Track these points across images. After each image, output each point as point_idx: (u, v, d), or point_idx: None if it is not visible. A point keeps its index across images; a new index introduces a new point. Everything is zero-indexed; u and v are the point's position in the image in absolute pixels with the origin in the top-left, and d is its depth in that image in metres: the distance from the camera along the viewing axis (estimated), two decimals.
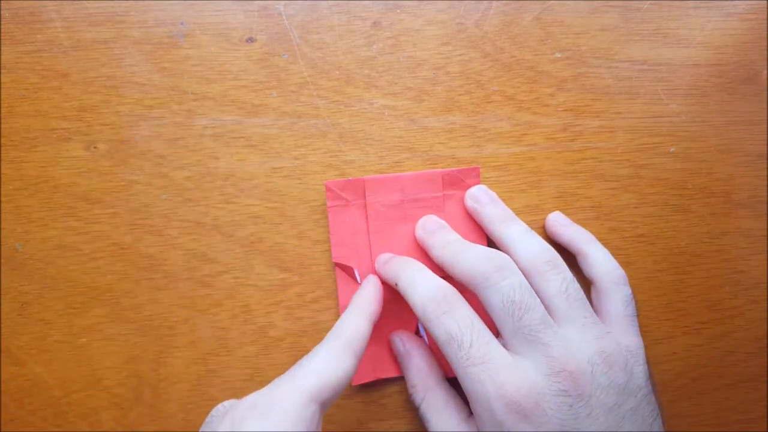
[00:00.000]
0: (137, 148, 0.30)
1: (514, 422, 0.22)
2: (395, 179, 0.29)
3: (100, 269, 0.30)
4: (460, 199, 0.29)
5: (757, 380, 0.31)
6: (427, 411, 0.27)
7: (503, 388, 0.23)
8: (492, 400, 0.23)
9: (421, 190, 0.29)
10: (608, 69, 0.31)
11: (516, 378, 0.23)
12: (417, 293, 0.25)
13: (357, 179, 0.29)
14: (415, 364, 0.28)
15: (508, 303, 0.24)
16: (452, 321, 0.24)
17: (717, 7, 0.31)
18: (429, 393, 0.27)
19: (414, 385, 0.27)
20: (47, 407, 0.30)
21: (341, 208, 0.29)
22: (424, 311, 0.24)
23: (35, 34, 0.30)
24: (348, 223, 0.29)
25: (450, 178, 0.29)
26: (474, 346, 0.23)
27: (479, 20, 0.31)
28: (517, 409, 0.22)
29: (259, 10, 0.30)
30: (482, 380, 0.23)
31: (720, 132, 0.31)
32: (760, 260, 0.31)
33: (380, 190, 0.29)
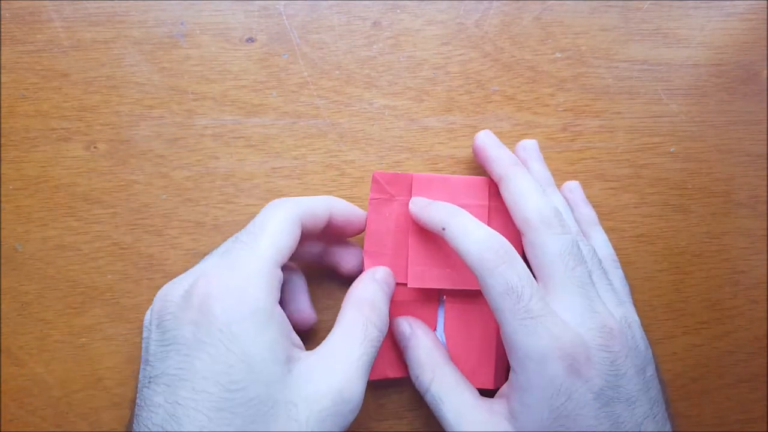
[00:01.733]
0: (137, 148, 0.30)
1: (567, 376, 0.22)
2: (444, 180, 0.28)
3: (100, 269, 0.30)
4: (502, 211, 0.28)
5: (757, 380, 0.31)
6: (439, 390, 0.25)
7: (559, 341, 0.22)
8: (547, 354, 0.22)
9: (469, 195, 0.28)
10: (608, 69, 0.31)
11: (570, 332, 0.23)
12: (471, 240, 0.24)
13: (405, 174, 0.28)
14: (423, 344, 0.26)
15: (565, 252, 0.24)
16: (512, 271, 0.23)
17: (717, 7, 0.31)
18: (439, 372, 0.26)
19: (422, 364, 0.26)
20: (47, 407, 0.30)
21: (384, 202, 0.28)
22: (481, 259, 0.23)
23: (35, 34, 0.30)
24: (388, 218, 0.28)
25: (494, 187, 0.28)
26: (533, 299, 0.23)
27: (479, 20, 0.31)
28: (571, 362, 0.22)
29: (259, 10, 0.30)
30: (539, 333, 0.22)
31: (720, 132, 0.31)
32: (760, 260, 0.31)
33: (427, 189, 0.28)
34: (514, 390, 0.23)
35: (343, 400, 0.21)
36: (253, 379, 0.20)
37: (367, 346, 0.23)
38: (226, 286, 0.21)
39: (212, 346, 0.20)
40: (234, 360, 0.20)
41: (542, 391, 0.22)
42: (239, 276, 0.21)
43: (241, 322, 0.20)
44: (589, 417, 0.22)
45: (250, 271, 0.21)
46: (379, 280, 0.26)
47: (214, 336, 0.20)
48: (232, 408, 0.19)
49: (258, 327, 0.20)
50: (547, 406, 0.22)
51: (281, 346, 0.21)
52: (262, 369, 0.20)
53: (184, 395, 0.20)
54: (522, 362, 0.23)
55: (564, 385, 0.22)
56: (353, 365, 0.22)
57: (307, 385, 0.21)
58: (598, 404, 0.22)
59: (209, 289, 0.21)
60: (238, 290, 0.21)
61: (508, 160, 0.27)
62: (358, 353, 0.22)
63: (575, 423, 0.22)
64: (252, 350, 0.20)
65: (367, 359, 0.22)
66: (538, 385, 0.22)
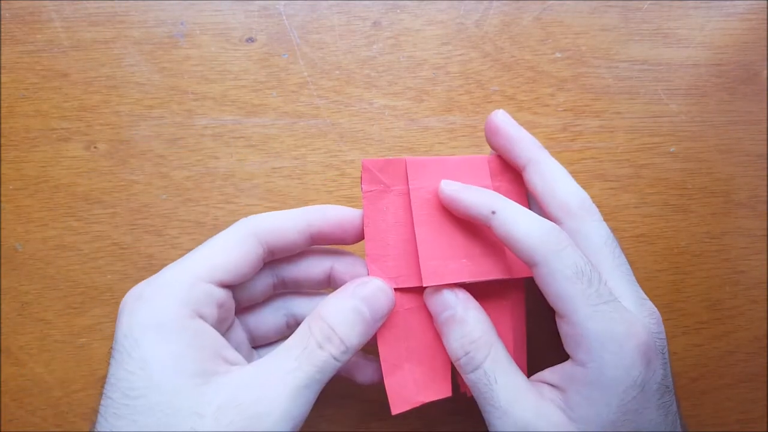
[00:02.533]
0: (137, 148, 0.30)
1: (643, 366, 0.21)
2: (441, 162, 0.25)
3: (100, 269, 0.30)
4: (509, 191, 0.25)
5: (757, 380, 0.31)
6: (494, 369, 0.22)
7: (633, 328, 0.21)
8: (625, 342, 0.21)
9: (468, 177, 0.25)
10: (608, 69, 0.31)
11: (638, 320, 0.21)
12: (530, 223, 0.21)
13: (398, 159, 0.24)
14: (474, 316, 0.23)
15: (609, 240, 0.23)
16: (578, 255, 0.21)
17: (717, 7, 0.31)
18: (494, 349, 0.22)
19: (474, 339, 0.22)
20: (47, 407, 0.30)
21: (379, 194, 0.24)
22: (544, 242, 0.21)
23: (35, 34, 0.30)
24: (386, 213, 0.24)
25: (495, 164, 0.25)
26: (602, 283, 0.21)
27: (479, 20, 0.31)
28: (645, 350, 0.21)
29: (259, 10, 0.30)
30: (614, 318, 0.21)
31: (720, 132, 0.31)
32: (760, 260, 0.31)
33: (424, 174, 0.24)
34: (576, 383, 0.21)
35: (256, 414, 0.19)
36: (153, 387, 0.19)
37: (305, 364, 0.21)
38: (139, 296, 0.21)
39: (118, 352, 0.20)
40: (134, 367, 0.19)
41: (615, 383, 0.21)
42: (153, 286, 0.21)
43: (144, 330, 0.20)
44: (652, 410, 0.21)
45: (165, 281, 0.21)
46: (359, 298, 0.22)
47: (120, 341, 0.20)
48: (131, 415, 0.19)
49: (162, 337, 0.20)
50: (617, 400, 0.21)
51: (191, 358, 0.20)
52: (163, 379, 0.19)
53: (101, 401, 0.20)
54: (595, 352, 0.21)
55: (639, 377, 0.21)
56: (277, 379, 0.20)
57: (220, 395, 0.20)
58: (658, 395, 0.21)
59: (126, 298, 0.21)
60: (148, 300, 0.20)
61: (532, 141, 0.25)
62: (288, 368, 0.20)
63: (640, 417, 0.21)
64: (153, 359, 0.19)
65: (300, 376, 0.20)
66: (613, 376, 0.21)
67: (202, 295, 0.21)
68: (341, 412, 0.30)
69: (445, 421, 0.30)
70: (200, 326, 0.21)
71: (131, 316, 0.20)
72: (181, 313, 0.20)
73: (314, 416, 0.30)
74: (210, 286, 0.21)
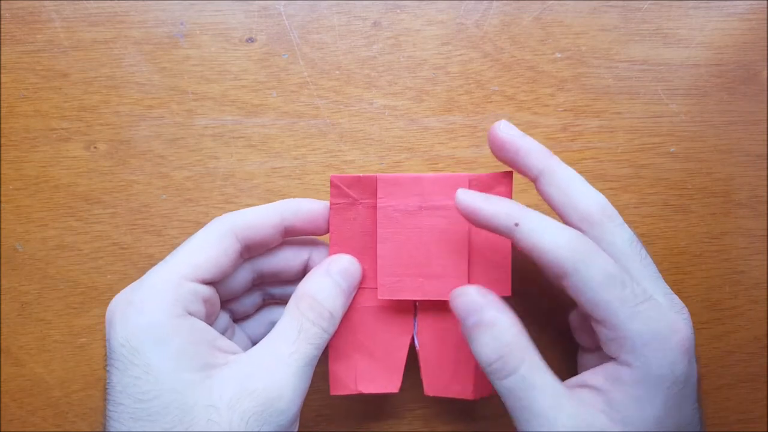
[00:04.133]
0: (137, 148, 0.30)
1: (686, 362, 0.21)
2: (414, 180, 0.24)
3: (100, 269, 0.30)
4: None
5: (757, 380, 0.31)
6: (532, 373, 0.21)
7: (675, 325, 0.21)
8: (667, 338, 0.21)
9: (444, 196, 0.24)
10: (608, 69, 0.31)
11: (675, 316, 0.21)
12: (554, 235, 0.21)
13: (368, 176, 0.25)
14: (507, 320, 0.22)
15: (634, 241, 0.22)
16: (607, 260, 0.21)
17: (717, 7, 0.31)
18: (529, 353, 0.22)
19: (508, 343, 0.21)
20: (47, 407, 0.30)
21: (346, 206, 0.25)
22: (572, 252, 0.21)
23: (35, 34, 0.30)
24: (353, 222, 0.25)
25: (478, 183, 0.25)
26: (635, 283, 0.21)
27: (479, 20, 0.31)
28: (687, 346, 0.21)
29: (259, 10, 0.30)
30: (654, 317, 0.21)
31: (720, 132, 0.31)
32: (760, 260, 0.31)
33: (395, 192, 0.24)
34: (622, 383, 0.21)
35: (268, 399, 0.20)
36: (163, 388, 0.20)
37: (302, 344, 0.22)
38: (127, 301, 0.21)
39: (118, 360, 0.20)
40: (139, 372, 0.20)
41: (661, 380, 0.21)
42: (141, 291, 0.21)
43: (139, 335, 0.20)
44: (690, 404, 0.21)
45: (152, 285, 0.21)
46: (334, 273, 0.24)
47: (118, 351, 0.20)
48: (149, 416, 0.20)
49: (158, 339, 0.20)
50: (662, 397, 0.21)
51: (191, 354, 0.21)
52: (169, 378, 0.20)
53: (109, 408, 0.21)
54: (640, 352, 0.21)
55: (683, 373, 0.21)
56: (281, 363, 0.21)
57: (229, 387, 0.20)
58: (694, 389, 0.22)
59: (113, 305, 0.21)
60: (138, 304, 0.21)
61: (542, 151, 0.24)
62: (288, 351, 0.21)
63: (681, 412, 0.21)
64: (155, 362, 0.20)
65: (300, 357, 0.21)
66: (659, 374, 0.21)
67: (189, 294, 0.22)
68: (341, 412, 0.30)
69: (445, 420, 0.30)
70: (193, 323, 0.21)
71: (125, 324, 0.21)
72: (172, 312, 0.21)
73: (314, 416, 0.30)
74: (194, 284, 0.22)
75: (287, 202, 0.24)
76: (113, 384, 0.20)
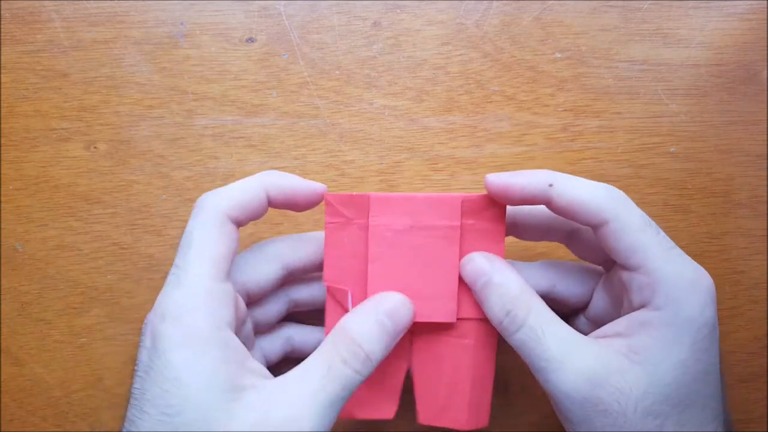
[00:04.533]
0: (137, 148, 0.30)
1: (713, 305, 0.21)
2: (407, 200, 0.24)
3: (100, 269, 0.30)
4: (480, 231, 0.24)
5: (757, 380, 0.31)
6: (539, 322, 0.22)
7: (701, 271, 0.22)
8: (697, 281, 0.21)
9: (436, 216, 0.24)
10: (608, 69, 0.31)
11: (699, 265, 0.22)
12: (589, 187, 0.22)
13: (361, 195, 0.24)
14: (511, 276, 0.23)
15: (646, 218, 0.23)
16: (640, 210, 0.22)
17: (717, 7, 0.31)
18: (534, 303, 0.22)
19: (514, 297, 0.22)
20: (47, 407, 0.30)
21: (340, 226, 0.25)
22: (611, 199, 0.22)
23: (35, 34, 0.30)
24: (346, 244, 0.25)
25: (470, 205, 0.24)
26: (662, 232, 0.22)
27: (479, 20, 0.31)
28: (713, 292, 0.22)
29: (259, 10, 0.30)
30: (685, 262, 0.22)
31: (720, 132, 0.31)
32: (760, 260, 0.31)
33: (387, 211, 0.24)
34: (648, 327, 0.21)
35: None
36: (189, 405, 0.20)
37: (330, 382, 0.21)
38: (163, 316, 0.21)
39: (153, 371, 0.20)
40: (170, 386, 0.20)
41: (689, 323, 0.21)
42: (174, 301, 0.21)
43: (177, 349, 0.20)
44: (714, 352, 0.22)
45: (184, 293, 0.21)
46: (381, 312, 0.23)
47: (155, 362, 0.20)
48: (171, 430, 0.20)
49: (194, 354, 0.20)
50: (689, 339, 0.21)
51: (223, 374, 0.20)
52: (198, 396, 0.20)
53: (135, 414, 0.20)
54: (673, 294, 0.21)
55: (711, 317, 0.21)
56: (306, 399, 0.20)
57: (251, 414, 0.20)
58: (717, 339, 0.22)
59: (153, 316, 0.21)
60: (174, 319, 0.21)
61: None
62: (314, 388, 0.21)
63: (708, 356, 0.21)
64: (187, 378, 0.20)
65: (326, 396, 0.21)
66: (688, 316, 0.21)
67: (219, 297, 0.21)
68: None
69: None
70: (227, 337, 0.21)
71: (161, 338, 0.20)
72: (210, 324, 0.21)
73: None
74: (222, 285, 0.22)
75: (270, 177, 0.24)
76: (143, 391, 0.20)
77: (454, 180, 0.31)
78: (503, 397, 0.30)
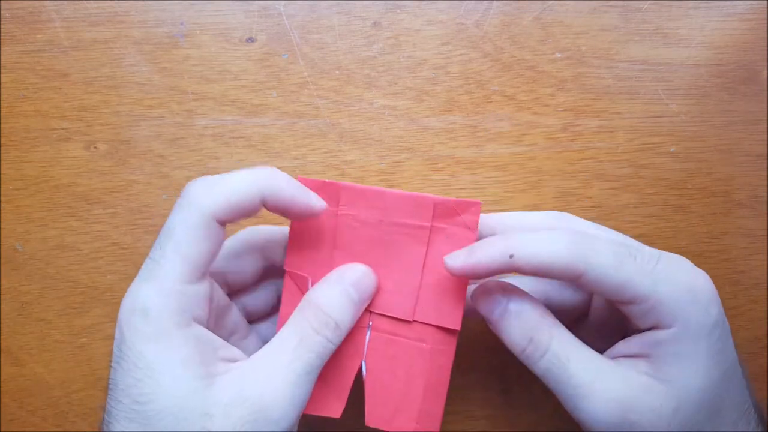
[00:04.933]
0: (137, 148, 0.30)
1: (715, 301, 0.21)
2: (378, 194, 0.24)
3: (100, 269, 0.30)
4: (451, 236, 0.24)
5: (757, 380, 0.31)
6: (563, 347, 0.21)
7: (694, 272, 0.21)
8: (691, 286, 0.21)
9: (407, 214, 0.24)
10: (608, 69, 0.31)
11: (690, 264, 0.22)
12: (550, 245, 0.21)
13: (332, 183, 0.24)
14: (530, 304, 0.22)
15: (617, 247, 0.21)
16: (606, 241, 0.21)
17: (717, 7, 0.31)
18: (556, 330, 0.22)
19: (535, 325, 0.22)
20: (47, 407, 0.30)
21: None
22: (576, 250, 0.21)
23: (35, 34, 0.30)
24: (311, 230, 0.24)
25: (443, 208, 0.24)
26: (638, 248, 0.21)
27: (479, 20, 0.31)
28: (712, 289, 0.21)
29: (259, 10, 0.30)
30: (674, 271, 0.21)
31: (720, 132, 0.31)
32: (760, 260, 0.31)
33: (358, 202, 0.24)
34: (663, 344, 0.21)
35: (262, 407, 0.20)
36: (162, 392, 0.20)
37: (303, 351, 0.21)
38: (133, 309, 0.21)
39: (124, 361, 0.20)
40: (141, 375, 0.20)
41: (700, 328, 0.20)
42: (145, 295, 0.21)
43: (146, 342, 0.20)
44: (731, 347, 0.21)
45: (155, 290, 0.21)
46: (346, 282, 0.23)
47: (125, 353, 0.20)
48: (143, 419, 0.20)
49: (164, 346, 0.20)
50: (705, 344, 0.20)
51: (194, 363, 0.20)
52: (170, 384, 0.20)
53: (110, 404, 0.21)
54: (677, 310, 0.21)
55: (718, 313, 0.21)
56: (279, 371, 0.21)
57: (226, 394, 0.20)
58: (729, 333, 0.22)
59: (122, 309, 0.21)
60: (145, 313, 0.21)
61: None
62: (288, 359, 0.21)
63: (725, 356, 0.21)
64: (158, 367, 0.20)
65: (299, 366, 0.21)
66: (697, 323, 0.20)
67: (193, 298, 0.21)
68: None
69: (446, 420, 0.30)
70: (198, 332, 0.21)
71: (131, 330, 0.20)
72: (178, 322, 0.21)
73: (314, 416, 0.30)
74: (196, 286, 0.21)
75: (269, 180, 0.22)
76: (116, 381, 0.20)
77: (454, 180, 0.31)
78: (503, 396, 0.30)
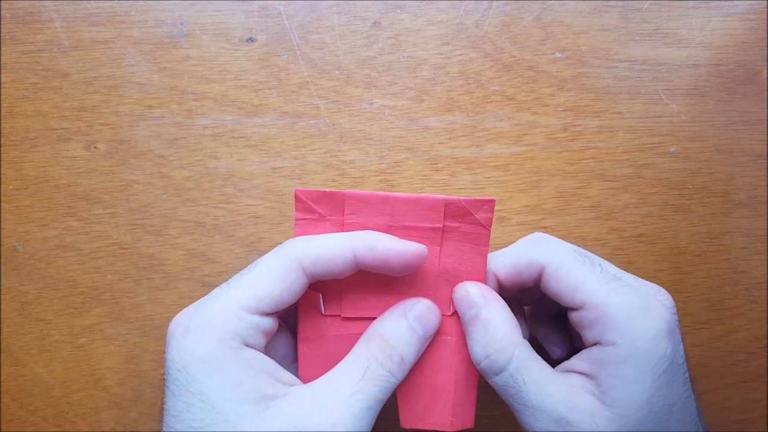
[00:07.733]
0: (137, 148, 0.30)
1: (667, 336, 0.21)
2: (384, 199, 0.23)
3: (100, 269, 0.30)
4: (465, 234, 0.24)
5: (757, 380, 0.31)
6: (519, 371, 0.22)
7: (651, 300, 0.21)
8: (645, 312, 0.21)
9: (416, 217, 0.23)
10: (608, 69, 0.31)
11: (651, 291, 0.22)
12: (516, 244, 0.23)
13: (335, 192, 0.23)
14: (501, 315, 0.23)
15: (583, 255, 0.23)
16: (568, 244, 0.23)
17: (717, 7, 0.31)
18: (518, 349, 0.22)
19: (500, 339, 0.22)
20: (47, 407, 0.30)
21: (312, 223, 0.24)
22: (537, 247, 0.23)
23: (35, 34, 0.30)
24: None
25: (455, 208, 0.23)
26: (601, 264, 0.22)
27: (479, 20, 0.31)
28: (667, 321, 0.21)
29: (259, 10, 0.30)
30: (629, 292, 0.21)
31: (720, 132, 0.31)
32: (760, 260, 0.31)
33: (363, 210, 0.23)
34: (609, 364, 0.21)
35: None
36: (216, 417, 0.20)
37: (366, 384, 0.21)
38: (186, 328, 0.21)
39: (175, 385, 0.20)
40: (194, 399, 0.20)
41: (647, 356, 0.21)
42: (199, 318, 0.21)
43: (198, 364, 0.20)
44: (680, 384, 0.21)
45: (212, 313, 0.21)
46: (411, 318, 0.23)
47: (175, 376, 0.20)
48: None
49: (216, 369, 0.20)
50: (650, 375, 0.21)
51: (248, 386, 0.20)
52: (224, 408, 0.20)
53: (164, 429, 0.20)
54: (623, 327, 0.21)
55: (668, 348, 0.21)
56: (341, 402, 0.20)
57: (282, 421, 0.20)
58: (683, 369, 0.22)
59: (173, 327, 0.21)
60: (195, 332, 0.20)
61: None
62: (350, 390, 0.20)
63: (671, 391, 0.21)
64: (211, 391, 0.20)
65: (363, 398, 0.20)
66: (644, 349, 0.21)
67: (248, 327, 0.21)
68: None
69: None
70: (251, 354, 0.21)
71: (181, 351, 0.20)
72: (230, 344, 0.20)
73: None
74: (255, 317, 0.21)
75: (362, 236, 0.22)
76: (168, 408, 0.20)
77: (454, 180, 0.31)
78: None
